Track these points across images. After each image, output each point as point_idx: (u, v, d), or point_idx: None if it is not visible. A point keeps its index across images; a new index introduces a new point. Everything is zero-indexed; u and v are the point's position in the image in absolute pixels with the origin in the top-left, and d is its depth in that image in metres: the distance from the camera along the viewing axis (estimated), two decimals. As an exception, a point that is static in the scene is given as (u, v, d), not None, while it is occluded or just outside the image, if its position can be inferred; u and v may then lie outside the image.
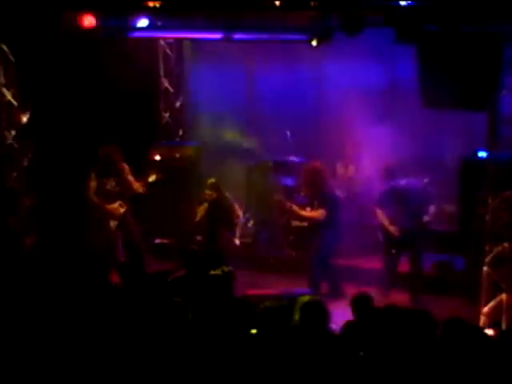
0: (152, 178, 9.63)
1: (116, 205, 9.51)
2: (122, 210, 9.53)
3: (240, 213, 9.95)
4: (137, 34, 10.07)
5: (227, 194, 9.98)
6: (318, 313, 5.67)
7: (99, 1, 9.23)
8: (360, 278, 9.39)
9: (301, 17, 9.18)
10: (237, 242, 9.63)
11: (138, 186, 9.55)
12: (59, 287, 6.43)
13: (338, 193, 9.96)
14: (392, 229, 9.08)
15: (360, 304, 6.29)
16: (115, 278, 7.45)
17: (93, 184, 9.50)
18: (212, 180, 9.89)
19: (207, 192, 9.78)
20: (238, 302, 5.86)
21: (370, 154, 10.92)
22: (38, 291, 6.40)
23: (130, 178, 9.60)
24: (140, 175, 9.68)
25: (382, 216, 9.19)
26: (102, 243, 9.53)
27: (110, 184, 9.51)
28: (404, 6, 8.30)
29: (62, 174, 10.56)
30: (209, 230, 9.86)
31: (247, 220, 11.13)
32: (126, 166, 9.62)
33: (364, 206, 10.31)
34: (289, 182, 10.61)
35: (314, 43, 9.42)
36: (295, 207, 9.46)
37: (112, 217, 9.50)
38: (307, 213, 9.40)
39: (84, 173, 10.13)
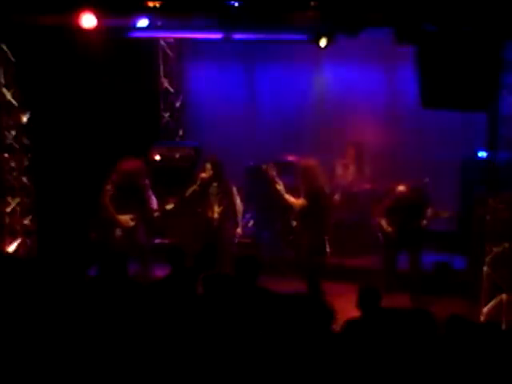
0: (170, 206, 9.51)
1: (127, 217, 9.22)
2: (131, 224, 9.25)
3: (239, 201, 9.61)
4: (137, 34, 10.07)
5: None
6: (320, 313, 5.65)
7: (99, 1, 9.23)
8: (360, 278, 9.38)
9: (301, 17, 9.18)
10: (239, 230, 9.49)
11: (154, 206, 9.36)
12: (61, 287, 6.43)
13: (328, 192, 9.97)
14: (390, 231, 9.07)
15: (369, 300, 6.26)
16: None
17: (108, 188, 9.16)
18: (213, 155, 9.70)
19: (207, 166, 9.44)
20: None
21: (370, 155, 10.95)
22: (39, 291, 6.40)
23: (149, 193, 9.39)
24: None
25: (380, 218, 9.18)
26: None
27: (129, 195, 9.19)
28: (403, 6, 8.29)
29: (62, 173, 10.57)
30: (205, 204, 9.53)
31: (247, 220, 11.11)
32: (147, 182, 9.38)
33: (364, 206, 10.31)
34: (289, 182, 10.59)
35: (322, 45, 9.44)
36: (281, 186, 9.42)
37: (120, 227, 9.27)
38: (289, 197, 9.36)
39: (85, 172, 10.15)
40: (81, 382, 5.22)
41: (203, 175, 9.43)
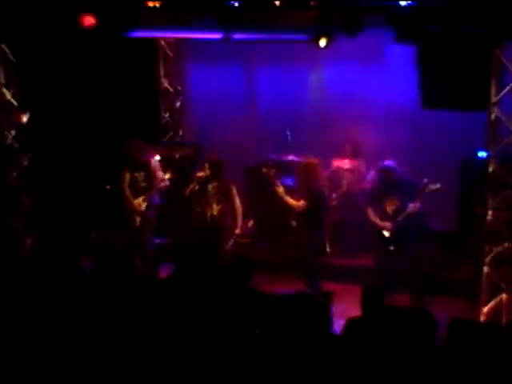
0: (168, 175, 9.73)
1: (140, 200, 9.52)
2: (143, 206, 9.54)
3: (238, 202, 9.63)
4: (137, 34, 10.07)
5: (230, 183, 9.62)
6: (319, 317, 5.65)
7: (99, 1, 9.24)
8: (360, 278, 9.37)
9: (301, 17, 9.18)
10: (237, 231, 9.52)
11: (162, 179, 9.63)
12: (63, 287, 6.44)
13: (327, 192, 9.97)
14: (385, 225, 9.02)
15: (373, 300, 6.25)
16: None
17: (126, 176, 9.52)
18: (212, 155, 9.72)
19: (206, 166, 9.47)
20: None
21: (369, 154, 10.94)
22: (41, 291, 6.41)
23: (159, 173, 9.69)
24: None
25: (372, 214, 9.14)
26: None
27: (140, 178, 9.56)
28: (404, 6, 8.30)
29: (62, 173, 10.58)
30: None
31: (247, 220, 11.11)
32: (154, 162, 9.70)
33: (364, 206, 10.30)
34: (289, 181, 10.60)
35: (322, 44, 9.43)
36: (281, 188, 9.42)
37: (136, 212, 9.53)
38: (289, 199, 9.35)
39: (84, 172, 10.13)
40: (86, 380, 5.23)
41: (200, 174, 9.48)
